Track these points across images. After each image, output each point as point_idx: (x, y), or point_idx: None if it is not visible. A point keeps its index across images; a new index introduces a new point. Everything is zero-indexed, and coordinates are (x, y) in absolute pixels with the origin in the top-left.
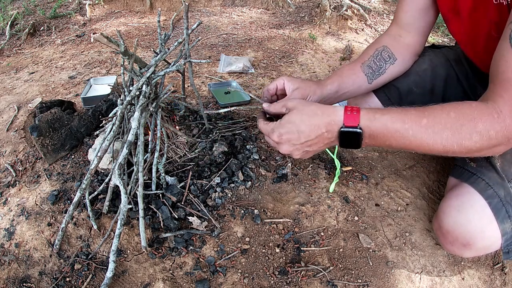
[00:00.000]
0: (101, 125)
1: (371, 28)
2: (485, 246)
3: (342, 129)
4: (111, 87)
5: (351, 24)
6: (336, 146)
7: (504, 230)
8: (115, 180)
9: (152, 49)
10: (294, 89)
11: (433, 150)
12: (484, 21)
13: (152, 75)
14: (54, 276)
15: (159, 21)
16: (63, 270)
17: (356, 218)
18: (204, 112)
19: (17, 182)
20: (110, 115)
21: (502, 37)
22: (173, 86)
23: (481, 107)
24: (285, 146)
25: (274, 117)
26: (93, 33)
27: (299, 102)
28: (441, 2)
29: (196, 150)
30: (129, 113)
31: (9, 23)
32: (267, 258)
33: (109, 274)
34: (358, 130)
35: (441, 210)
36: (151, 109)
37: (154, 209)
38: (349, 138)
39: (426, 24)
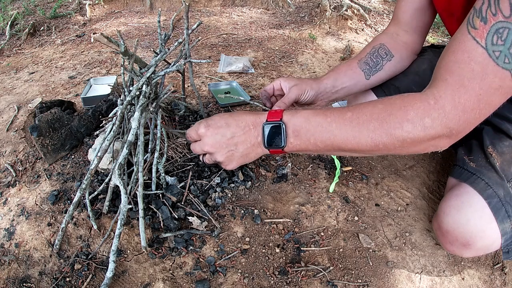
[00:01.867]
0: (101, 125)
1: (371, 28)
2: (485, 246)
3: (264, 123)
4: (111, 87)
5: (351, 24)
6: None
7: (504, 230)
8: (115, 180)
9: (152, 49)
10: (291, 86)
11: (362, 144)
12: None
13: (152, 75)
14: (54, 276)
15: (159, 21)
16: (63, 270)
17: (356, 218)
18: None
19: (17, 182)
20: (110, 115)
21: (463, 21)
22: (173, 86)
23: (414, 95)
24: (211, 139)
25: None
26: (93, 33)
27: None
28: (436, 2)
29: None
30: (129, 113)
31: (9, 23)
32: (267, 258)
33: (109, 274)
34: (279, 122)
35: (440, 210)
36: (151, 109)
37: (154, 209)
38: (273, 134)
39: (423, 23)
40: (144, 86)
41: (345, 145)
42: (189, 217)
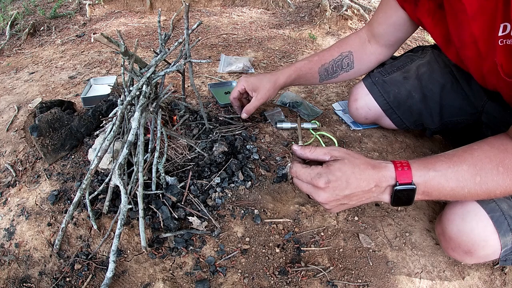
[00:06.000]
0: (101, 125)
1: None
2: (485, 255)
3: (397, 187)
4: (111, 87)
5: (351, 24)
6: (336, 142)
7: (505, 243)
8: (115, 180)
9: (152, 49)
10: (254, 90)
11: (486, 199)
12: (490, 61)
13: (152, 75)
14: (54, 276)
15: (159, 21)
16: (63, 270)
17: (356, 218)
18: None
19: (17, 182)
20: (110, 115)
21: None
22: (173, 86)
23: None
24: (327, 194)
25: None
26: (93, 33)
27: (347, 152)
28: (434, 37)
29: (196, 150)
30: (129, 113)
31: (9, 23)
32: (267, 258)
33: (109, 274)
34: (413, 187)
35: (445, 216)
36: (151, 109)
37: (154, 209)
38: (403, 195)
39: (396, 39)
40: (144, 86)
41: (470, 199)
42: (189, 217)
